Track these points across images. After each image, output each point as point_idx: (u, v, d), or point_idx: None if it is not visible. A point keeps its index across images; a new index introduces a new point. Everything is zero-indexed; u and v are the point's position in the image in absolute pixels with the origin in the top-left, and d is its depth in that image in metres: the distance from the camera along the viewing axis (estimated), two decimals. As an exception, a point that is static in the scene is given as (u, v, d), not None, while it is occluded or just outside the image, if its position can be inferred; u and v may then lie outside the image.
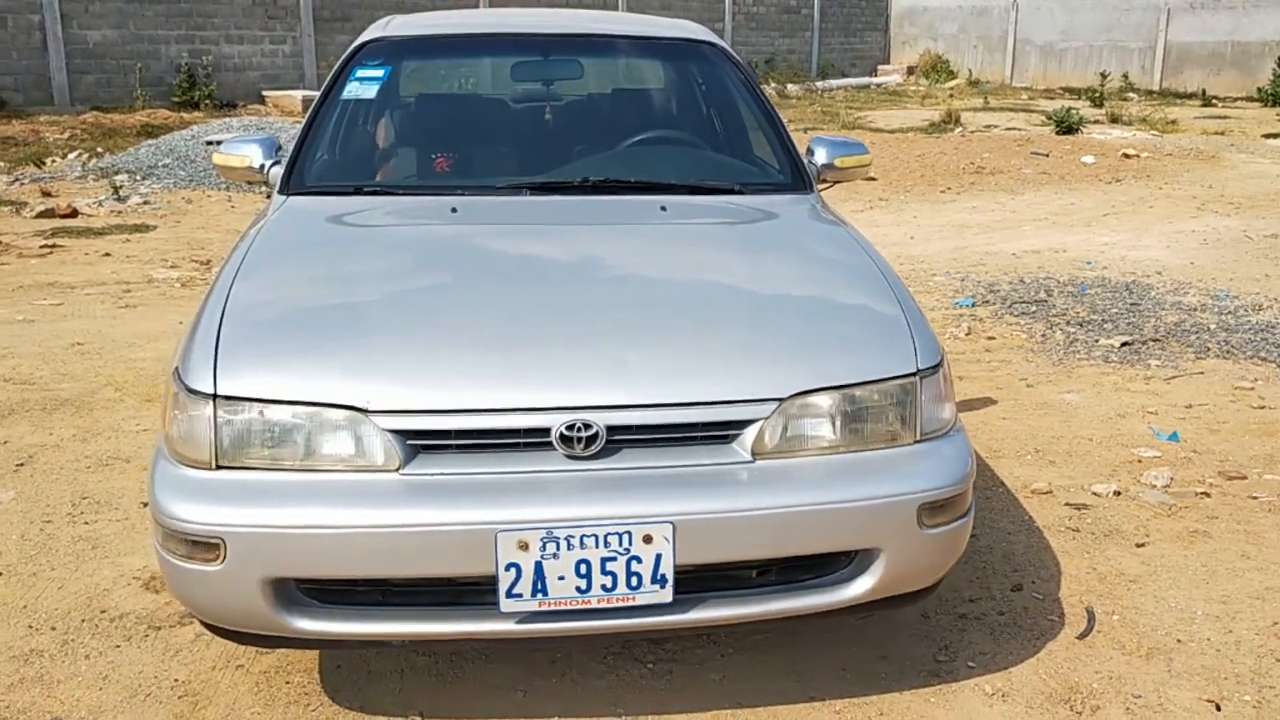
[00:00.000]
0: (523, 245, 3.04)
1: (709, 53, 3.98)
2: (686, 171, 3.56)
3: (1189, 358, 5.39)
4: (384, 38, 3.88)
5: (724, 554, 2.32)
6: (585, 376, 2.36)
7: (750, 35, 24.26)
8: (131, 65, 15.73)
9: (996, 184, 11.31)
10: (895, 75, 25.80)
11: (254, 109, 16.59)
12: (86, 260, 7.56)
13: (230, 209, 9.69)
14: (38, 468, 3.97)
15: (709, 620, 2.35)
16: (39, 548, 3.38)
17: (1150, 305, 6.34)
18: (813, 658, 2.80)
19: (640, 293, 2.72)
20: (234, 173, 3.66)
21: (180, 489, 2.30)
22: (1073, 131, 14.82)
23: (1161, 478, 3.90)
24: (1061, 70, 24.41)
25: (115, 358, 5.28)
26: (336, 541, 2.22)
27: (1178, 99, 21.53)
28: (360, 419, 2.30)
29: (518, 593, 2.24)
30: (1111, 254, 7.91)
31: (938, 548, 2.45)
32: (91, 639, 2.89)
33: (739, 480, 2.34)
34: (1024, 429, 4.44)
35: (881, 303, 2.69)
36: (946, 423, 2.55)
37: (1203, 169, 12.33)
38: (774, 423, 2.38)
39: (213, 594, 2.29)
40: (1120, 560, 3.34)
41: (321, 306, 2.61)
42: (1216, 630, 2.95)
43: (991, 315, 6.22)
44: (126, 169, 11.01)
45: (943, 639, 2.90)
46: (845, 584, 2.42)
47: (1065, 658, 2.82)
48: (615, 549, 2.24)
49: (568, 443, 2.30)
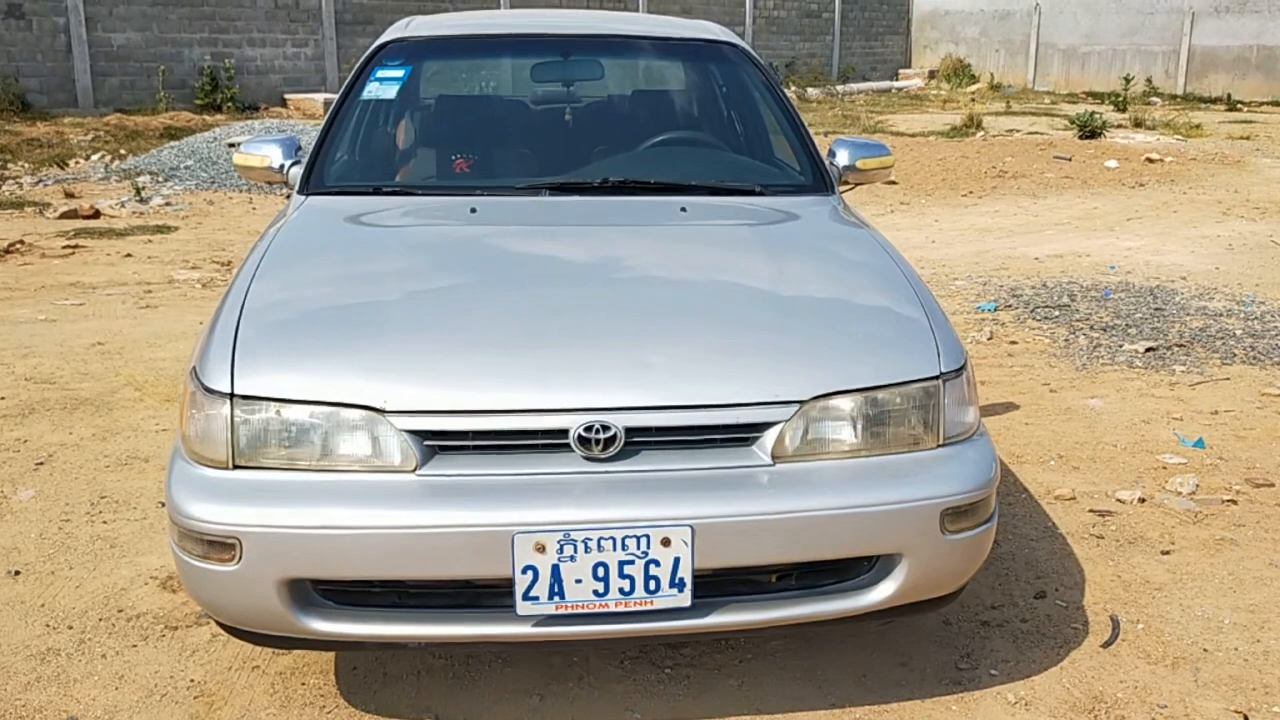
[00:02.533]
0: (541, 246, 3.02)
1: (730, 53, 3.96)
2: (707, 172, 3.53)
3: (1215, 363, 5.33)
4: (404, 38, 3.88)
5: (743, 558, 2.29)
6: (603, 377, 2.34)
7: (771, 39, 24.20)
8: (155, 68, 15.80)
9: (1019, 188, 11.23)
10: (916, 79, 25.69)
11: (276, 112, 16.64)
12: (108, 261, 7.59)
13: (251, 210, 9.73)
14: (57, 466, 3.98)
15: (728, 625, 2.33)
16: (58, 546, 3.38)
17: (1175, 310, 6.28)
18: (833, 664, 2.77)
19: (659, 293, 2.70)
20: (254, 173, 3.66)
21: (197, 488, 2.29)
22: (1096, 135, 14.72)
23: (1187, 484, 3.85)
24: (1084, 74, 24.26)
25: (135, 357, 5.29)
26: (353, 542, 2.20)
27: (1202, 103, 21.36)
28: (377, 419, 2.28)
29: (534, 595, 2.22)
30: (1135, 259, 7.83)
31: (961, 553, 2.41)
32: (108, 638, 2.89)
33: (759, 483, 2.31)
34: (1047, 434, 4.39)
35: (904, 305, 2.66)
36: (970, 427, 2.51)
37: (1227, 173, 12.22)
38: (795, 425, 2.35)
39: (228, 594, 2.28)
40: (1145, 568, 3.29)
41: (339, 306, 2.60)
42: (1244, 640, 2.90)
43: (1014, 320, 6.16)
44: (149, 170, 11.06)
45: (965, 646, 2.86)
46: (866, 589, 2.38)
47: (1089, 666, 2.78)
48: (633, 552, 2.21)
49: (586, 444, 2.28)
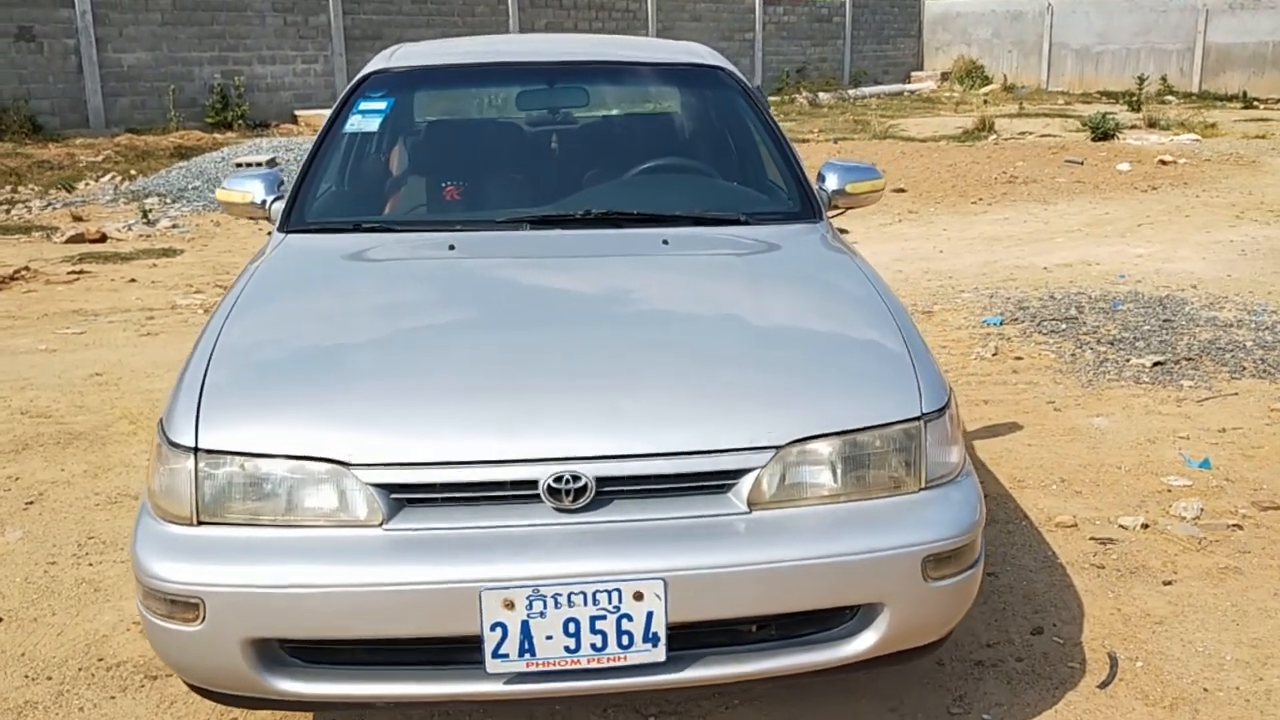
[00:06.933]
0: (518, 284, 2.96)
1: (717, 77, 3.89)
2: (691, 202, 3.46)
3: (1224, 377, 5.23)
4: (387, 70, 3.83)
5: (719, 610, 2.23)
6: (573, 424, 2.28)
7: (782, 44, 24.13)
8: (165, 87, 15.87)
9: (1029, 194, 11.13)
10: (929, 82, 25.57)
11: (286, 128, 16.68)
12: (112, 286, 7.60)
13: (257, 230, 9.72)
14: (47, 505, 3.96)
15: (704, 679, 2.26)
16: (42, 591, 3.35)
17: (1184, 321, 6.17)
18: (821, 710, 2.70)
19: (635, 333, 2.63)
20: (237, 208, 3.63)
21: (160, 546, 2.25)
22: (1109, 137, 14.60)
23: (1191, 509, 3.76)
24: (1098, 74, 24.08)
25: (132, 388, 5.27)
26: (318, 601, 2.15)
27: (1217, 101, 21.17)
28: (343, 472, 2.23)
29: (504, 653, 2.16)
30: (1145, 266, 7.73)
31: (945, 600, 2.35)
32: (87, 689, 2.85)
33: (734, 532, 2.25)
34: (1050, 456, 4.31)
35: (886, 339, 2.59)
36: (954, 468, 2.44)
37: (1242, 175, 12.07)
38: (771, 470, 2.29)
39: (193, 654, 2.23)
40: (1146, 600, 3.21)
41: (307, 353, 2.55)
42: (1246, 678, 2.82)
43: (1020, 334, 6.07)
44: (157, 192, 11.10)
45: (957, 689, 2.79)
46: (848, 639, 2.32)
47: (1085, 709, 2.71)
48: (605, 607, 2.16)
49: (556, 495, 2.22)
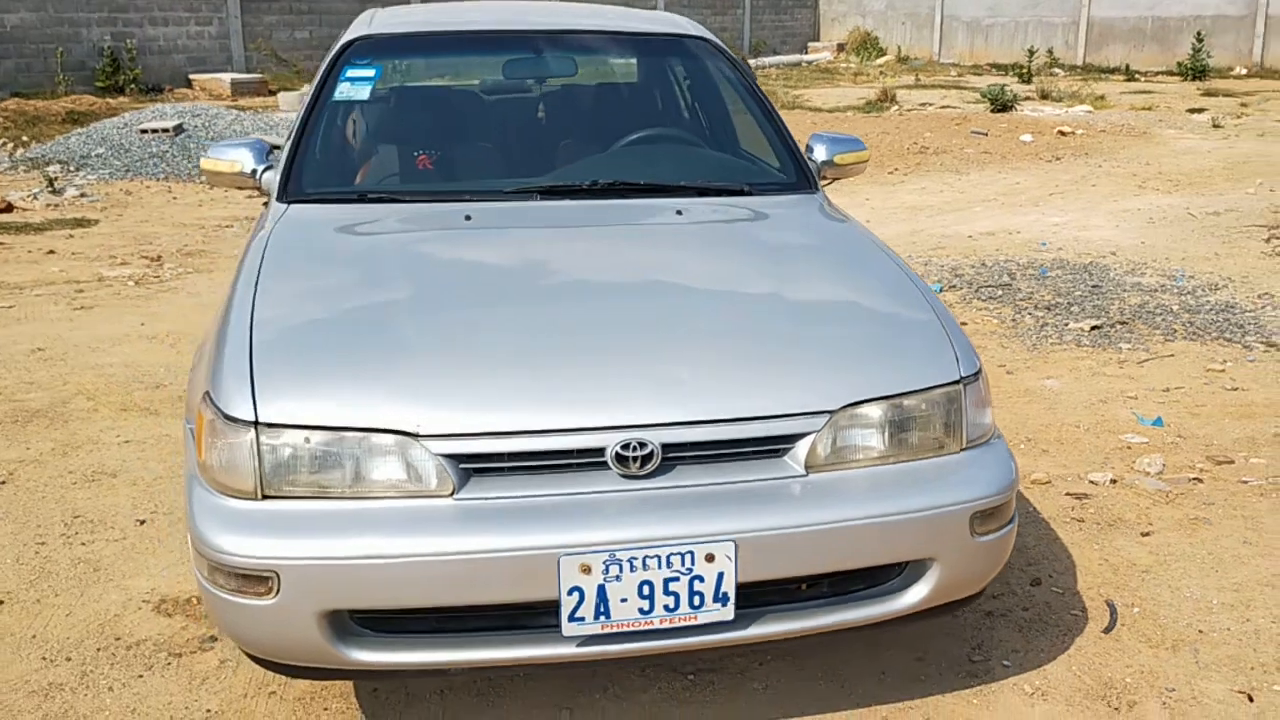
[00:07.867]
0: (547, 255, 2.98)
1: (703, 48, 3.94)
2: (695, 172, 3.52)
3: (1158, 340, 5.51)
4: (370, 35, 3.78)
5: (784, 569, 2.31)
6: (638, 394, 2.33)
7: (683, 13, 24.08)
8: (52, 49, 15.20)
9: (941, 164, 11.44)
10: (825, 52, 25.93)
11: (181, 93, 16.13)
12: (30, 259, 7.30)
13: (172, 200, 9.44)
14: (21, 485, 3.83)
15: (769, 635, 2.35)
16: (38, 572, 3.26)
17: (1111, 287, 6.47)
18: (851, 663, 2.81)
19: (678, 304, 2.69)
20: (223, 178, 3.55)
21: (225, 520, 2.23)
22: (1008, 109, 15.04)
23: (1154, 464, 3.98)
24: (988, 46, 24.74)
25: (81, 364, 5.11)
26: (395, 571, 2.17)
27: (1102, 74, 21.94)
28: (410, 443, 2.25)
29: (580, 616, 2.21)
30: (1064, 234, 8.04)
31: (988, 554, 2.47)
32: (111, 669, 2.80)
33: (795, 494, 2.33)
34: (1013, 418, 4.50)
35: (916, 309, 2.70)
36: (988, 430, 2.57)
37: (1137, 145, 12.59)
38: (825, 435, 2.38)
39: (265, 628, 2.23)
40: (1129, 550, 3.40)
41: (355, 326, 2.53)
42: (1235, 620, 3.03)
43: (960, 300, 6.29)
44: (58, 159, 10.65)
45: (974, 638, 2.94)
46: (899, 593, 2.43)
47: (1095, 653, 2.87)
48: (678, 569, 2.22)
49: (623, 462, 2.27)
